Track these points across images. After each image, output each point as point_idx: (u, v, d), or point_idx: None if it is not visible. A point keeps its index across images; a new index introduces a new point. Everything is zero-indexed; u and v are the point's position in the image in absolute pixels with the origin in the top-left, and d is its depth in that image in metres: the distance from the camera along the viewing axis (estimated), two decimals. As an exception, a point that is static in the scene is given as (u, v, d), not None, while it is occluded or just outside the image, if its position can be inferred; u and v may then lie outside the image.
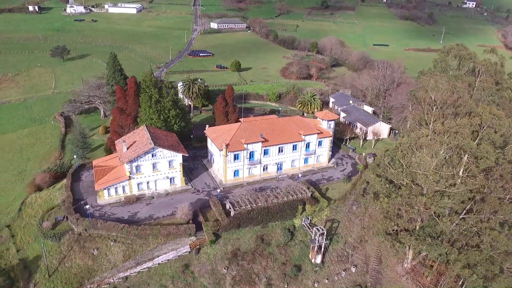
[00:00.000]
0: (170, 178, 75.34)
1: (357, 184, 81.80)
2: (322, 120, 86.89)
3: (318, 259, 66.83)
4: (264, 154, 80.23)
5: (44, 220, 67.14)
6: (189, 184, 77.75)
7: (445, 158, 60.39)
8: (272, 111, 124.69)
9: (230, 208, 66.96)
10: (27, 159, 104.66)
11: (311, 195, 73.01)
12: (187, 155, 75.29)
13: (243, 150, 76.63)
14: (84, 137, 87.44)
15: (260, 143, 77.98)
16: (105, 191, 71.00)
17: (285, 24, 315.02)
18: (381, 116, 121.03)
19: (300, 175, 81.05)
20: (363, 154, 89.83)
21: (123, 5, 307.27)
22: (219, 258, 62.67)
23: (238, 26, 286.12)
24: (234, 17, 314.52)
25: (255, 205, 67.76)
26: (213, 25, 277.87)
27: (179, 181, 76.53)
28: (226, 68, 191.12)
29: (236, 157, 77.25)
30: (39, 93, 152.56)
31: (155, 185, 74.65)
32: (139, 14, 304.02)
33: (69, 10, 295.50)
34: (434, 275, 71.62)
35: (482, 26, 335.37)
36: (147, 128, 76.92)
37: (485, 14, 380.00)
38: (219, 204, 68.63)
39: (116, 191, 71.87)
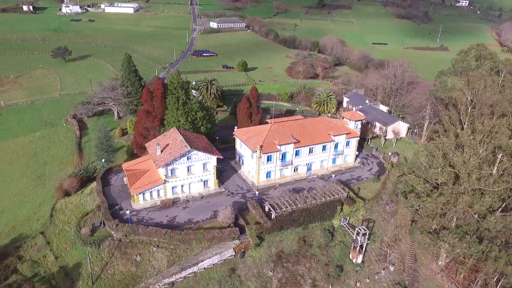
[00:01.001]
0: (204, 181, 74.62)
1: (386, 183, 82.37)
2: (349, 120, 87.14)
3: (359, 259, 67.08)
4: (295, 155, 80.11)
5: (80, 226, 65.77)
6: (221, 186, 77.10)
7: (484, 157, 61.31)
8: (288, 112, 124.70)
9: (270, 210, 66.57)
10: (44, 163, 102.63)
11: (347, 195, 73.15)
12: (221, 157, 74.67)
13: (277, 151, 76.36)
14: (108, 140, 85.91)
15: (293, 144, 77.83)
16: (140, 196, 69.91)
17: (283, 23, 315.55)
18: (395, 115, 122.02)
19: (333, 175, 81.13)
20: (389, 153, 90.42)
21: (119, 5, 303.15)
22: (264, 261, 62.36)
23: (238, 26, 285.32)
24: (232, 16, 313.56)
25: (295, 206, 67.53)
26: (213, 25, 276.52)
27: (212, 184, 75.86)
28: (232, 68, 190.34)
29: (269, 159, 76.93)
30: (45, 95, 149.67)
31: (189, 188, 73.84)
32: (136, 13, 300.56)
33: (64, 10, 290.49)
34: (468, 272, 72.66)
35: (476, 25, 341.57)
36: (178, 131, 76.09)
37: (478, 12, 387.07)
38: (258, 206, 68.24)
39: (151, 195, 70.84)
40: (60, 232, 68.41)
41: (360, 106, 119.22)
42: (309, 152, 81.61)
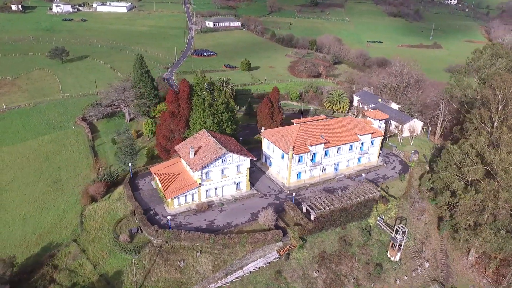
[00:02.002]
0: (237, 184, 73.96)
1: (411, 181, 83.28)
2: (374, 119, 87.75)
3: (397, 257, 67.70)
4: (324, 155, 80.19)
5: (117, 233, 64.28)
6: (253, 188, 76.57)
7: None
8: (302, 111, 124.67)
9: (310, 211, 66.42)
10: (58, 168, 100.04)
11: (380, 194, 73.65)
12: (254, 158, 74.11)
13: (308, 152, 76.28)
14: (132, 143, 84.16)
15: (323, 144, 77.90)
16: (175, 200, 68.77)
17: (278, 22, 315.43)
18: (406, 113, 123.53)
19: (363, 175, 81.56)
20: (411, 151, 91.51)
21: (111, 4, 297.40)
22: (308, 262, 62.28)
23: (233, 25, 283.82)
24: (226, 15, 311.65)
25: (333, 206, 67.61)
26: (209, 24, 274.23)
27: (245, 186, 75.26)
28: (235, 67, 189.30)
29: (300, 159, 76.79)
30: (47, 97, 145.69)
31: (222, 191, 73.07)
32: (130, 13, 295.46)
33: (55, 9, 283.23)
34: (497, 268, 74.27)
35: (466, 22, 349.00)
36: (209, 133, 75.18)
37: (467, 10, 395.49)
38: (296, 208, 68.02)
39: (185, 199, 69.79)
40: (94, 239, 66.73)
41: (373, 105, 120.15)
42: (337, 152, 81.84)
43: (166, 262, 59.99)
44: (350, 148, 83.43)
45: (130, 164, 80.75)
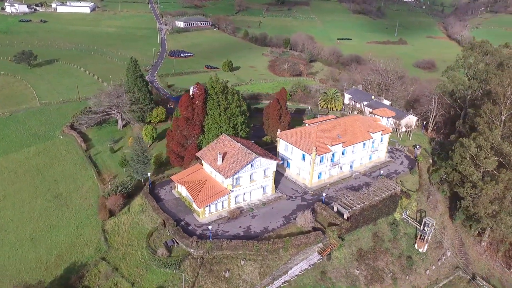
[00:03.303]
0: (263, 187, 73.50)
1: (421, 174, 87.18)
2: (382, 117, 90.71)
3: (425, 248, 70.79)
4: (341, 154, 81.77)
5: (152, 247, 61.55)
6: (277, 191, 76.43)
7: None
8: (298, 111, 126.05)
9: (343, 210, 67.51)
10: (54, 181, 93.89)
11: (401, 189, 76.43)
12: (280, 161, 73.82)
13: (329, 152, 77.41)
14: (145, 152, 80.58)
15: (341, 144, 79.39)
16: (206, 209, 67.05)
17: (247, 21, 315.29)
18: (397, 108, 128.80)
19: (381, 171, 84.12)
20: (417, 146, 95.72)
21: (72, 4, 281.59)
22: (349, 261, 63.44)
23: (204, 24, 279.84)
24: (194, 14, 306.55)
25: (363, 204, 69.18)
26: (179, 24, 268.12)
27: (270, 190, 74.95)
28: (217, 68, 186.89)
29: (321, 160, 77.74)
30: (22, 105, 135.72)
31: (250, 196, 72.31)
32: (93, 13, 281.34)
33: (9, 9, 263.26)
34: (506, 250, 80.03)
35: (424, 19, 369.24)
36: (231, 138, 74.01)
37: (423, 7, 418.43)
38: (328, 208, 68.89)
39: (216, 207, 68.27)
40: (124, 256, 63.48)
41: (366, 102, 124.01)
42: (352, 150, 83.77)
43: (211, 274, 58.45)
44: (363, 146, 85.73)
45: (148, 174, 77.43)
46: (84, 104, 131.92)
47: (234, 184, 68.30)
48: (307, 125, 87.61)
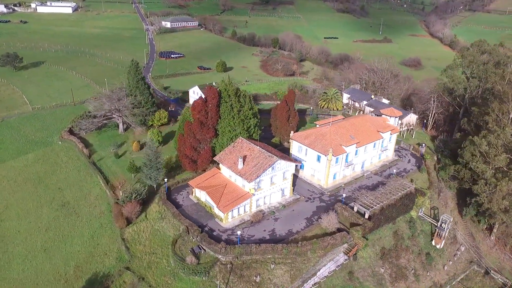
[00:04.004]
0: (282, 190, 73.58)
1: (429, 172, 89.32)
2: (390, 117, 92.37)
3: (442, 245, 72.66)
4: (354, 154, 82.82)
5: (179, 255, 60.62)
6: (295, 193, 76.66)
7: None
8: (299, 111, 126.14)
9: (364, 210, 68.40)
10: (59, 189, 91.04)
11: (415, 187, 78.11)
12: (299, 164, 74.04)
13: (344, 153, 78.24)
14: (158, 157, 79.10)
15: (355, 144, 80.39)
16: (229, 213, 66.55)
17: (233, 20, 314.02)
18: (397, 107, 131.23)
19: (394, 170, 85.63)
20: (423, 144, 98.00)
21: (53, 4, 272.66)
22: (373, 260, 64.39)
23: (191, 24, 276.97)
24: (180, 14, 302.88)
25: (382, 203, 70.27)
26: (166, 24, 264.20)
27: (288, 192, 75.11)
28: (210, 69, 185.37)
29: (336, 161, 78.48)
30: (12, 110, 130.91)
31: (270, 199, 72.25)
32: (76, 14, 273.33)
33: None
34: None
35: (406, 17, 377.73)
36: (248, 140, 73.72)
37: (405, 6, 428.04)
38: (349, 208, 69.66)
39: (238, 212, 67.88)
40: (149, 264, 62.25)
41: (366, 102, 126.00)
42: (364, 150, 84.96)
43: (241, 279, 58.11)
44: (374, 145, 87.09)
45: (165, 179, 76.07)
46: (80, 108, 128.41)
47: (256, 187, 68.07)
48: (317, 126, 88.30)
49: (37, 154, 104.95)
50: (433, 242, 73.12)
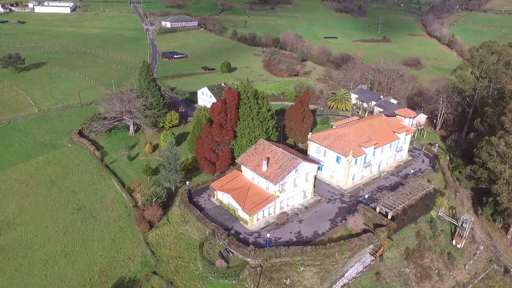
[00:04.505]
0: (304, 191, 73.75)
1: (445, 172, 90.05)
2: (404, 117, 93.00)
3: (462, 244, 73.42)
4: (372, 155, 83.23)
5: (207, 259, 60.46)
6: (316, 195, 76.85)
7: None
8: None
9: (387, 211, 68.81)
10: (72, 192, 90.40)
11: (433, 187, 78.76)
12: (321, 165, 74.27)
13: (363, 154, 78.62)
14: (177, 159, 78.72)
15: (373, 145, 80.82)
16: (254, 216, 66.53)
17: (232, 20, 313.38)
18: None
19: (411, 171, 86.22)
20: (436, 144, 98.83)
21: (50, 4, 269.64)
22: (399, 260, 64.85)
23: (191, 24, 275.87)
24: (179, 14, 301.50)
25: (403, 204, 70.72)
26: (166, 24, 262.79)
27: (310, 193, 75.29)
28: (214, 69, 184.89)
29: (355, 162, 78.83)
30: (18, 112, 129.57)
31: (292, 201, 72.38)
32: (74, 14, 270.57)
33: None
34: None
35: (403, 17, 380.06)
36: (269, 142, 73.76)
37: (402, 5, 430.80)
38: (372, 209, 70.04)
39: (262, 214, 67.90)
40: (177, 269, 62.00)
41: (374, 102, 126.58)
42: (381, 151, 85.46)
43: (271, 282, 58.18)
44: (390, 146, 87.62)
45: (187, 182, 75.75)
46: (87, 110, 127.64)
47: (280, 190, 68.13)
48: (334, 127, 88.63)
49: (47, 157, 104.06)
50: (453, 242, 73.86)
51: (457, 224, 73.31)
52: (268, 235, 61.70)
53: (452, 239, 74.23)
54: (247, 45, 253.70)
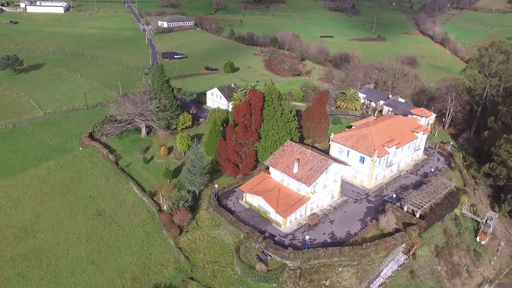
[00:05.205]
0: (332, 192, 74.19)
1: (461, 170, 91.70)
2: (421, 117, 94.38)
3: (486, 241, 75.01)
4: (394, 155, 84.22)
5: (246, 262, 60.30)
6: (342, 195, 77.35)
7: None
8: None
9: (415, 210, 69.75)
10: (90, 197, 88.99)
11: (455, 185, 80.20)
12: (349, 165, 74.81)
13: (387, 154, 79.49)
14: (202, 162, 78.12)
15: (395, 145, 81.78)
16: (288, 218, 66.65)
17: (228, 19, 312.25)
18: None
19: (432, 169, 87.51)
20: (451, 143, 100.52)
21: (43, 4, 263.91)
22: (430, 258, 65.89)
23: (187, 24, 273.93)
24: (174, 14, 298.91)
25: (430, 202, 71.76)
26: (163, 24, 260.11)
27: (337, 194, 75.79)
28: (217, 70, 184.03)
29: (379, 161, 79.64)
30: (22, 115, 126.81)
31: (321, 202, 72.73)
32: (68, 14, 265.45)
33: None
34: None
35: (396, 15, 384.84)
36: (298, 144, 73.96)
37: (394, 4, 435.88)
38: (400, 209, 70.93)
39: (295, 216, 68.06)
40: (214, 274, 61.64)
41: (383, 102, 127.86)
42: (401, 150, 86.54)
43: (311, 283, 58.44)
44: (409, 146, 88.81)
45: (216, 185, 75.26)
46: (94, 112, 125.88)
47: (312, 191, 68.39)
48: (353, 127, 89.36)
49: (58, 161, 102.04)
50: (477, 239, 75.38)
51: (480, 221, 74.81)
52: (307, 237, 61.85)
53: (476, 236, 75.74)
54: (245, 44, 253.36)
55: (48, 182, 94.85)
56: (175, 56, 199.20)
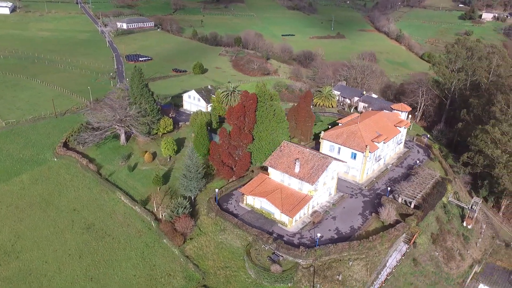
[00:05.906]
0: (329, 189, 75.79)
1: (441, 161, 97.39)
2: (401, 112, 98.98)
3: (472, 225, 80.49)
4: (381, 149, 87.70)
5: (260, 265, 59.99)
6: (338, 191, 79.21)
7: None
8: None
9: (410, 200, 73.14)
10: (74, 211, 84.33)
11: (439, 175, 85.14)
12: (345, 162, 76.62)
13: (377, 149, 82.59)
14: (198, 167, 76.43)
15: (383, 140, 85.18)
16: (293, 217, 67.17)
17: (187, 20, 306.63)
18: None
19: (417, 161, 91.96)
20: (427, 135, 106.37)
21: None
22: (428, 245, 69.51)
23: (147, 25, 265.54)
24: (131, 15, 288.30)
25: (421, 192, 75.61)
26: (122, 25, 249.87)
27: (333, 191, 77.53)
28: (185, 71, 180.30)
29: (369, 157, 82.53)
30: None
31: (320, 199, 74.04)
32: (15, 15, 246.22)
33: None
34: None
35: (351, 13, 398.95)
36: (294, 144, 74.66)
37: (348, 2, 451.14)
38: (396, 201, 74.05)
39: (299, 215, 68.73)
40: (227, 279, 60.69)
41: (357, 98, 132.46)
42: (388, 145, 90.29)
43: (325, 280, 59.41)
44: (393, 140, 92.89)
45: (216, 190, 73.83)
46: (64, 121, 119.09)
47: (315, 189, 69.43)
48: (340, 124, 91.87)
49: (32, 174, 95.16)
50: (464, 223, 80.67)
51: (466, 207, 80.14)
52: (319, 235, 62.73)
53: (463, 221, 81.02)
54: (209, 45, 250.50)
55: (23, 198, 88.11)
56: (139, 59, 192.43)
